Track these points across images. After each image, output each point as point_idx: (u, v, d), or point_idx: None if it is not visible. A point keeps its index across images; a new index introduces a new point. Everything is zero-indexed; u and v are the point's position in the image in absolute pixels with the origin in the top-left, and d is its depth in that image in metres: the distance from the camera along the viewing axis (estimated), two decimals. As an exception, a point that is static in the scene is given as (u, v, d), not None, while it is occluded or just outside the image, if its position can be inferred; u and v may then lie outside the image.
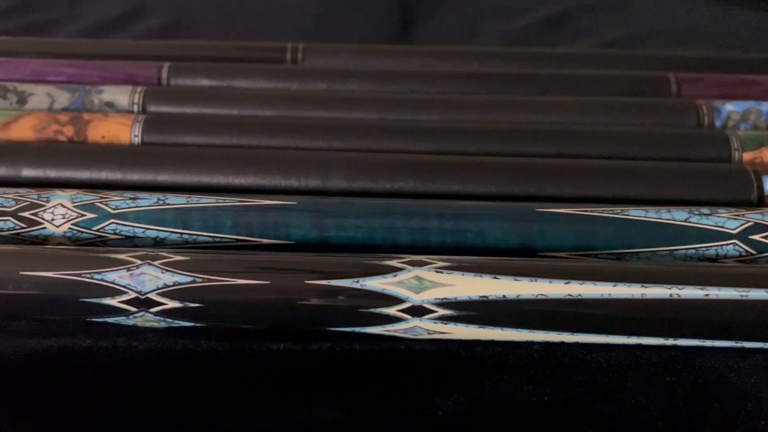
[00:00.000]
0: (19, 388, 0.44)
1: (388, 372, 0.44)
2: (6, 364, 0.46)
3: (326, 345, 0.45)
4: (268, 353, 0.45)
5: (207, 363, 0.45)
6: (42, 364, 0.45)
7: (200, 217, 0.50)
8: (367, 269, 0.46)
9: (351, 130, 0.60)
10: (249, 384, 0.44)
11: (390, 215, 0.52)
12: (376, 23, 0.94)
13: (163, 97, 0.65)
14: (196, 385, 0.44)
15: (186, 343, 0.45)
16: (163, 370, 0.44)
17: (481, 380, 0.43)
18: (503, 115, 0.65)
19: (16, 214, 0.49)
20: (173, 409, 0.43)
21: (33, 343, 0.45)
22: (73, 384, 0.44)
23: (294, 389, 0.43)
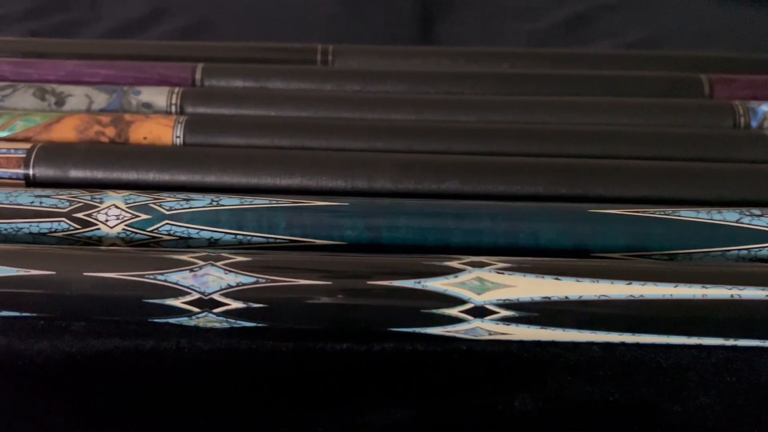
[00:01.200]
0: (85, 387, 0.45)
1: (452, 373, 0.45)
2: (73, 364, 0.46)
3: (388, 345, 0.45)
4: (331, 353, 0.45)
5: (271, 363, 0.45)
6: (107, 365, 0.44)
7: (255, 218, 0.50)
8: (427, 270, 0.46)
9: (393, 131, 0.61)
10: (314, 384, 0.44)
11: (443, 216, 0.53)
12: (397, 24, 0.95)
13: (201, 98, 0.65)
14: (262, 385, 0.44)
15: (249, 344, 0.46)
16: (228, 371, 0.45)
17: (544, 381, 0.43)
18: (539, 115, 0.65)
19: (70, 215, 0.49)
20: (239, 408, 0.43)
21: (98, 344, 0.46)
22: (139, 384, 0.44)
23: (359, 389, 0.44)
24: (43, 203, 0.50)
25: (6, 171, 0.55)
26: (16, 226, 0.50)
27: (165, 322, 0.47)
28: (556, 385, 0.43)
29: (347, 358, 0.45)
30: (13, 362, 0.45)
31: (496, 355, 0.45)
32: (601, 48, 0.89)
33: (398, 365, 0.44)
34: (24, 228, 0.50)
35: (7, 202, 0.50)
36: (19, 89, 0.64)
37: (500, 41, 0.91)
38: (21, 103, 0.64)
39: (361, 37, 0.87)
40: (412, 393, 0.43)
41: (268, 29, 0.95)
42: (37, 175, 0.56)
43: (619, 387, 0.43)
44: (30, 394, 0.44)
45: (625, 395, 0.43)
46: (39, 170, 0.56)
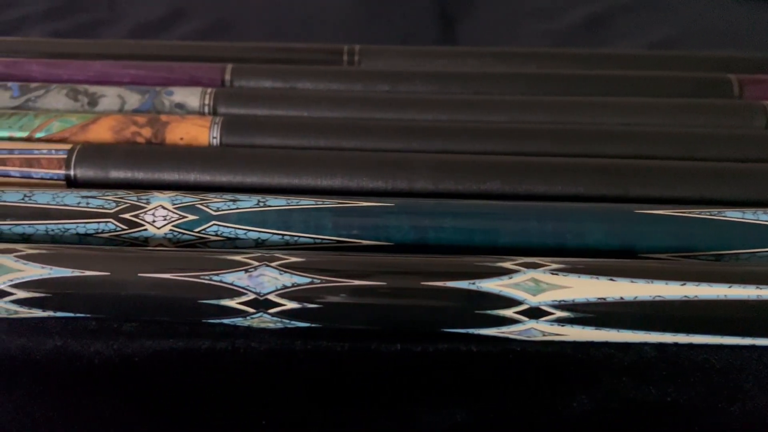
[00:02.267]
0: (144, 388, 0.45)
1: (509, 374, 0.45)
2: (131, 365, 0.46)
3: (443, 346, 0.45)
4: (386, 354, 0.45)
5: (327, 363, 0.45)
6: (163, 365, 0.44)
7: (302, 219, 0.50)
8: (482, 271, 0.46)
9: (429, 132, 0.61)
10: (371, 384, 0.44)
11: (490, 216, 0.53)
12: (416, 24, 0.94)
13: (233, 99, 0.65)
14: (318, 385, 0.44)
15: (304, 344, 0.45)
16: (284, 371, 0.45)
17: (600, 381, 0.44)
18: (571, 116, 0.65)
19: (117, 216, 0.50)
20: (295, 409, 0.43)
21: (153, 344, 0.45)
22: (198, 384, 0.44)
23: (417, 390, 0.44)
24: (89, 204, 0.50)
25: (47, 172, 0.55)
26: (63, 226, 0.50)
27: (219, 323, 0.46)
28: (612, 385, 0.44)
29: (403, 358, 0.45)
30: (71, 363, 0.44)
31: (550, 355, 0.45)
32: (622, 48, 0.87)
33: (454, 366, 0.45)
34: (71, 228, 0.50)
35: (54, 202, 0.50)
36: (51, 90, 0.64)
37: (520, 41, 0.92)
38: (54, 103, 0.64)
39: (380, 37, 0.87)
40: (471, 394, 0.44)
41: (288, 30, 0.95)
42: (78, 175, 0.56)
43: (675, 387, 0.44)
44: (88, 395, 0.43)
45: (682, 395, 0.44)
46: (80, 171, 0.56)
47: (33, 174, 0.55)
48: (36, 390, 0.44)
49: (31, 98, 0.64)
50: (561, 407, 0.43)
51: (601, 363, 0.45)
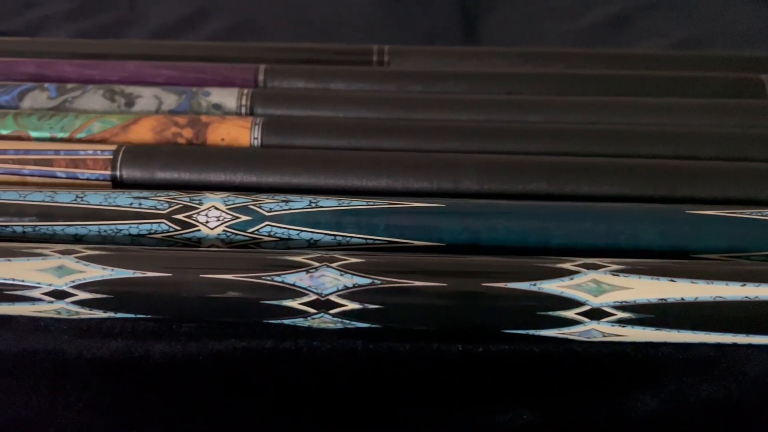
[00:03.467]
0: (206, 388, 0.45)
1: (572, 374, 0.45)
2: (195, 365, 0.47)
3: (504, 347, 0.45)
4: (448, 354, 0.45)
5: (390, 364, 0.45)
6: (225, 366, 0.44)
7: (354, 220, 0.50)
8: (543, 272, 0.46)
9: (468, 132, 0.62)
10: (434, 385, 0.44)
11: (543, 217, 0.53)
12: (440, 24, 0.94)
13: (270, 100, 0.65)
14: (381, 385, 0.44)
15: (366, 344, 0.45)
16: (346, 371, 0.45)
17: (662, 381, 0.44)
18: (608, 116, 0.66)
19: (170, 217, 0.50)
20: (359, 409, 0.44)
21: (216, 345, 0.45)
22: (260, 385, 0.44)
23: (483, 391, 0.44)
24: (142, 205, 0.50)
25: (93, 172, 0.55)
26: (115, 227, 0.50)
27: (280, 323, 0.46)
28: (674, 385, 0.44)
29: (464, 359, 0.44)
30: (136, 363, 0.45)
31: (611, 356, 0.46)
32: (648, 48, 0.87)
33: (517, 367, 0.45)
34: (123, 229, 0.50)
35: (107, 203, 0.50)
36: (88, 91, 0.64)
37: (541, 41, 0.91)
38: (91, 104, 0.64)
39: (404, 37, 0.87)
40: (536, 395, 0.44)
41: (310, 31, 0.95)
42: (124, 176, 0.56)
43: (738, 387, 0.44)
44: (153, 394, 0.43)
45: (747, 395, 0.43)
46: (126, 171, 0.56)
47: (79, 175, 0.56)
48: (105, 390, 0.44)
49: (68, 99, 0.64)
50: (626, 407, 0.43)
51: (661, 363, 0.46)
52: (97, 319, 0.48)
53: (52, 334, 0.47)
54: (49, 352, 0.46)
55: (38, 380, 0.45)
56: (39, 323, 0.47)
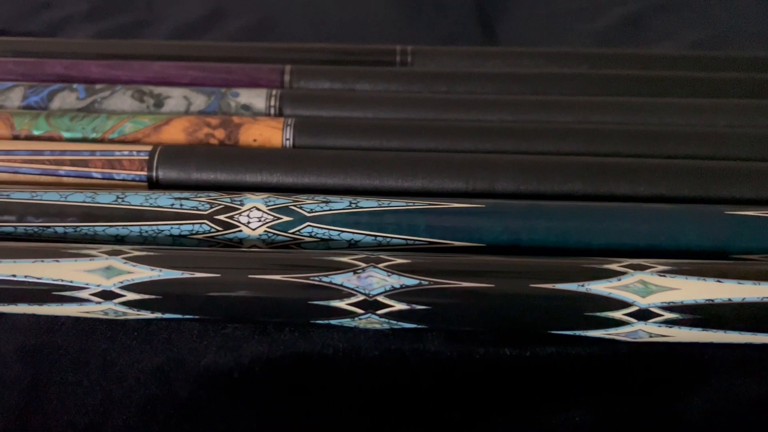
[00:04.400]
0: (267, 389, 0.45)
1: (622, 375, 0.45)
2: (246, 369, 0.47)
3: (551, 348, 0.46)
4: (494, 355, 0.45)
5: (438, 366, 0.45)
6: (273, 368, 0.44)
7: (394, 220, 0.51)
8: (590, 273, 0.46)
9: (502, 132, 0.62)
10: (487, 387, 0.44)
11: (584, 218, 0.53)
12: (456, 24, 0.95)
13: (299, 101, 0.66)
14: (430, 388, 0.45)
15: (414, 345, 0.45)
16: (395, 373, 0.45)
17: (712, 382, 0.45)
18: (636, 116, 0.66)
19: (212, 217, 0.50)
20: (409, 412, 0.44)
21: (258, 347, 0.45)
22: (310, 387, 0.44)
23: (532, 393, 0.44)
24: (183, 206, 0.50)
25: (129, 173, 0.56)
26: (157, 228, 0.50)
27: (327, 324, 0.46)
28: (725, 386, 0.44)
29: (513, 361, 0.45)
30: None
31: (659, 357, 0.46)
32: (667, 49, 0.87)
33: (567, 368, 0.45)
34: (165, 230, 0.50)
35: (148, 204, 0.50)
36: (117, 91, 0.64)
37: (559, 42, 0.91)
38: (120, 104, 0.64)
39: (422, 38, 0.87)
40: (587, 396, 0.44)
41: (328, 31, 0.95)
42: (160, 177, 0.56)
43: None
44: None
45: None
46: (162, 172, 0.56)
47: (115, 175, 0.56)
48: (158, 396, 0.44)
49: (97, 99, 0.64)
50: (677, 409, 0.43)
51: (709, 364, 0.46)
52: (144, 320, 0.47)
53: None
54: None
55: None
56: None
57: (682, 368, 0.45)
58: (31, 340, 0.49)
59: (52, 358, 0.48)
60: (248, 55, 0.75)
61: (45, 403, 0.45)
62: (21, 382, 0.46)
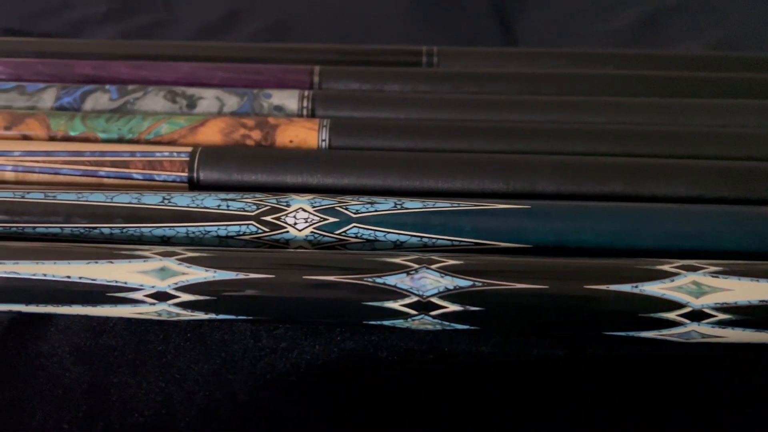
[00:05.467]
0: (324, 391, 0.46)
1: (680, 377, 0.45)
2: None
3: (602, 349, 0.45)
4: (548, 356, 0.45)
5: (493, 367, 0.46)
6: (329, 370, 0.45)
7: (440, 221, 0.51)
8: (644, 274, 0.47)
9: (538, 133, 0.62)
10: (537, 387, 0.45)
11: (630, 219, 0.54)
12: (475, 25, 0.95)
13: (331, 102, 0.66)
14: (484, 390, 0.45)
15: (467, 347, 0.46)
16: (449, 374, 0.45)
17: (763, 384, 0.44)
18: (667, 117, 0.66)
19: (259, 218, 0.50)
20: (462, 414, 0.44)
21: (312, 349, 0.45)
22: (371, 387, 0.45)
23: (585, 392, 0.44)
24: (230, 207, 0.51)
25: (170, 174, 0.56)
26: (204, 229, 0.50)
27: (379, 324, 0.46)
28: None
29: (567, 362, 0.45)
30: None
31: (713, 359, 0.46)
32: (683, 49, 0.88)
33: (620, 369, 0.45)
34: (212, 231, 0.50)
35: (194, 205, 0.50)
36: (149, 92, 0.64)
37: (577, 42, 0.91)
38: (152, 105, 0.64)
39: (442, 39, 0.87)
40: (640, 397, 0.44)
41: (347, 32, 0.95)
42: (201, 178, 0.56)
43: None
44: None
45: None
46: (203, 173, 0.56)
47: (155, 176, 0.56)
48: (214, 397, 0.45)
49: (129, 100, 0.64)
50: (726, 410, 0.43)
51: (759, 365, 0.45)
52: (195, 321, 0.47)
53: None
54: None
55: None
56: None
57: (737, 369, 0.45)
58: (85, 341, 0.49)
59: (108, 360, 0.48)
60: (273, 56, 0.75)
61: (107, 406, 0.45)
62: (81, 384, 0.46)
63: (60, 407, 0.45)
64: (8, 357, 0.48)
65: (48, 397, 0.46)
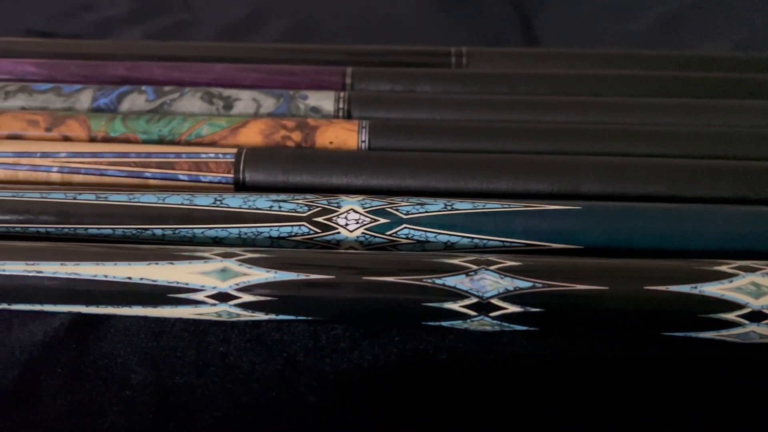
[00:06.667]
0: (387, 392, 0.46)
1: (740, 378, 0.45)
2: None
3: (659, 350, 0.46)
4: (607, 357, 0.46)
5: (553, 367, 0.46)
6: (391, 371, 0.45)
7: (491, 222, 0.52)
8: (703, 275, 0.47)
9: (586, 134, 0.61)
10: (597, 388, 0.45)
11: (681, 220, 0.54)
12: (496, 25, 0.95)
13: (367, 103, 0.67)
14: (544, 390, 0.45)
15: (526, 348, 0.46)
16: (510, 375, 0.46)
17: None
18: (700, 118, 0.67)
19: (311, 220, 0.50)
20: (521, 416, 0.44)
21: (373, 350, 0.46)
22: (434, 388, 0.45)
23: (644, 393, 0.45)
24: (281, 208, 0.51)
25: (216, 175, 0.56)
26: (256, 230, 0.50)
27: (437, 325, 0.47)
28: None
29: (626, 363, 0.46)
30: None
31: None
32: (707, 49, 0.88)
33: (676, 370, 0.45)
34: (264, 232, 0.51)
35: (246, 206, 0.50)
36: (186, 93, 0.65)
37: (598, 42, 0.92)
38: (189, 107, 0.65)
39: (463, 40, 0.86)
40: (700, 398, 0.44)
41: (368, 33, 0.95)
42: (247, 179, 0.56)
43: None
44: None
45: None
46: (249, 174, 0.56)
47: (201, 178, 0.56)
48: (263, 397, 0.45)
49: (166, 101, 0.64)
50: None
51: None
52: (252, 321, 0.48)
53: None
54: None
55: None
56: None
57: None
58: (146, 343, 0.50)
59: (171, 361, 0.49)
60: (302, 57, 0.75)
61: (175, 407, 0.45)
62: (148, 386, 0.46)
63: (129, 409, 0.46)
64: (72, 359, 0.48)
65: (117, 399, 0.47)
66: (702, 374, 0.47)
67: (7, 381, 0.46)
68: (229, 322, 0.48)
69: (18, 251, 0.48)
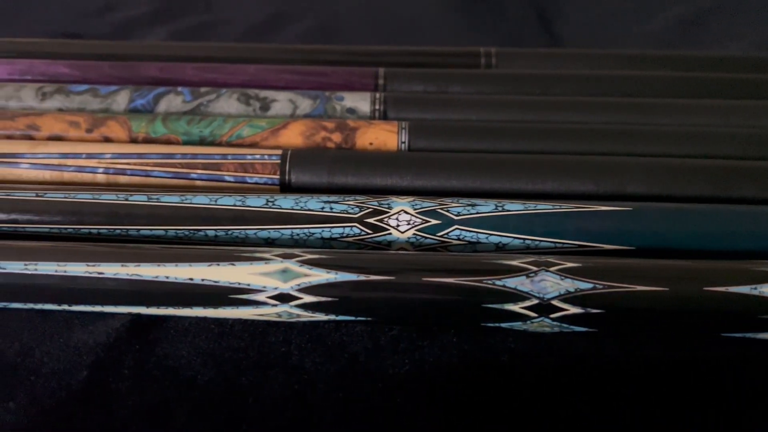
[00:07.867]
0: (453, 394, 0.46)
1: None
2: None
3: (719, 351, 0.47)
4: (667, 358, 0.47)
5: (613, 369, 0.47)
6: (455, 372, 0.45)
7: (543, 224, 0.51)
8: (761, 276, 0.48)
9: (622, 135, 0.62)
10: (658, 389, 0.46)
11: (731, 221, 0.55)
12: (516, 26, 0.95)
13: (403, 104, 0.67)
14: (613, 390, 0.46)
15: (587, 350, 0.47)
16: (573, 376, 0.46)
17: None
18: (734, 119, 0.66)
19: (362, 221, 0.50)
20: (578, 417, 0.44)
21: (434, 351, 0.46)
22: (498, 391, 0.45)
23: (704, 394, 0.45)
24: (333, 209, 0.51)
25: (262, 176, 0.56)
26: (308, 231, 0.51)
27: (496, 327, 0.47)
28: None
29: (686, 364, 0.46)
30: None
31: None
32: (728, 50, 0.88)
33: (736, 371, 0.46)
34: (316, 233, 0.51)
35: (298, 207, 0.50)
36: (222, 94, 0.65)
37: (618, 42, 0.92)
38: (226, 108, 0.65)
39: (484, 40, 0.86)
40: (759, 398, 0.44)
41: (389, 34, 0.95)
42: (293, 180, 0.56)
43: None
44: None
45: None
46: (295, 176, 0.56)
47: (247, 179, 0.56)
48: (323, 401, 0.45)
49: (203, 103, 0.64)
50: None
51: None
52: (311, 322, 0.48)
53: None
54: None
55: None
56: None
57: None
58: (208, 343, 0.50)
59: (235, 361, 0.49)
60: (333, 58, 0.74)
61: (245, 407, 0.46)
62: (216, 386, 0.47)
63: (200, 409, 0.46)
64: (137, 360, 0.49)
65: (187, 400, 0.47)
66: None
67: (75, 383, 0.48)
68: (287, 322, 0.47)
69: (78, 253, 0.49)
